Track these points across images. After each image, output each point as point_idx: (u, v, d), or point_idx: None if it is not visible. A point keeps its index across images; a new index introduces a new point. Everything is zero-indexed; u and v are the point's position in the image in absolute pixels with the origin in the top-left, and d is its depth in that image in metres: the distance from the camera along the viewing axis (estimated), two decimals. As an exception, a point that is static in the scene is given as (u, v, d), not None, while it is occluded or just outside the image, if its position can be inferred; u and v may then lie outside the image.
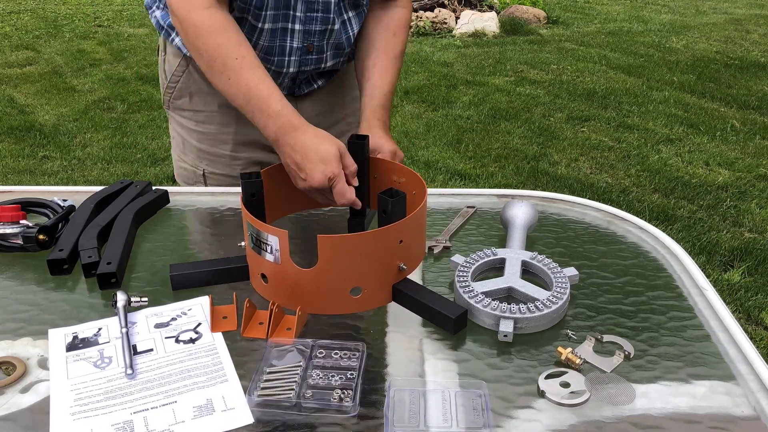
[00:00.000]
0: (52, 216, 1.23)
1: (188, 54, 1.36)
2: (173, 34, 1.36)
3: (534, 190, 2.37)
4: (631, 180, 3.84)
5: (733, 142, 4.35)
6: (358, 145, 1.19)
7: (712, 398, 0.84)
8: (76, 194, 1.32)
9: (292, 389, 0.84)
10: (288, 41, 1.30)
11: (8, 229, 1.14)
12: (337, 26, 1.31)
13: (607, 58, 6.29)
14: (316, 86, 1.44)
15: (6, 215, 1.16)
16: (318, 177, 1.08)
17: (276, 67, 1.33)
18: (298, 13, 1.26)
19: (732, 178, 3.83)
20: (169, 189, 1.35)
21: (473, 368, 0.89)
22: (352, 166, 1.12)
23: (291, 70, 1.34)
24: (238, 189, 1.22)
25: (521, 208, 1.19)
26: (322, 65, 1.37)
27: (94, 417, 0.82)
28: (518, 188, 3.04)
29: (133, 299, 1.01)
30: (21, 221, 1.16)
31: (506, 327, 0.93)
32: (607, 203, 1.35)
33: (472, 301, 0.97)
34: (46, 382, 0.88)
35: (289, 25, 1.28)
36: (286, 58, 1.32)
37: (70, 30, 7.24)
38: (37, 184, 3.63)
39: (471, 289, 1.00)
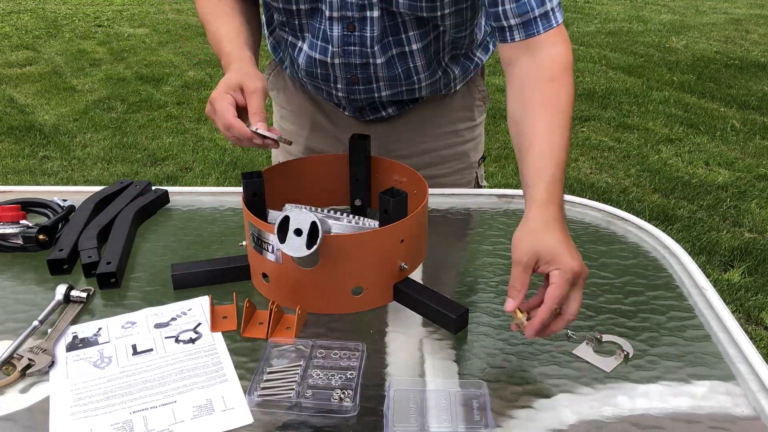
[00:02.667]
0: (52, 216, 1.23)
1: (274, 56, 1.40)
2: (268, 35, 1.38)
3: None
4: (631, 180, 3.84)
5: (733, 142, 4.35)
6: (359, 145, 1.19)
7: (712, 398, 0.84)
8: (76, 194, 1.32)
9: (292, 389, 0.84)
10: (330, 69, 1.23)
11: (8, 229, 1.14)
12: (380, 60, 1.19)
13: (607, 58, 6.29)
14: (384, 114, 1.35)
15: (6, 215, 1.16)
16: (207, 107, 1.02)
17: (326, 90, 1.30)
18: (334, 48, 1.18)
19: (732, 178, 3.82)
20: (169, 189, 1.35)
21: (473, 368, 0.89)
22: (255, 107, 1.01)
23: (340, 95, 1.28)
24: (239, 189, 1.22)
25: None
26: (376, 95, 1.27)
27: (94, 417, 0.82)
28: (518, 188, 3.04)
29: (73, 293, 1.02)
30: (21, 221, 1.16)
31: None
32: (607, 203, 1.35)
33: None
34: (46, 382, 0.88)
35: (328, 59, 1.20)
36: (332, 84, 1.27)
37: (70, 30, 7.24)
38: (37, 184, 3.63)
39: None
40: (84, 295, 1.02)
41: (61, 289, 1.02)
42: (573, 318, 0.86)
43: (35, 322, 0.97)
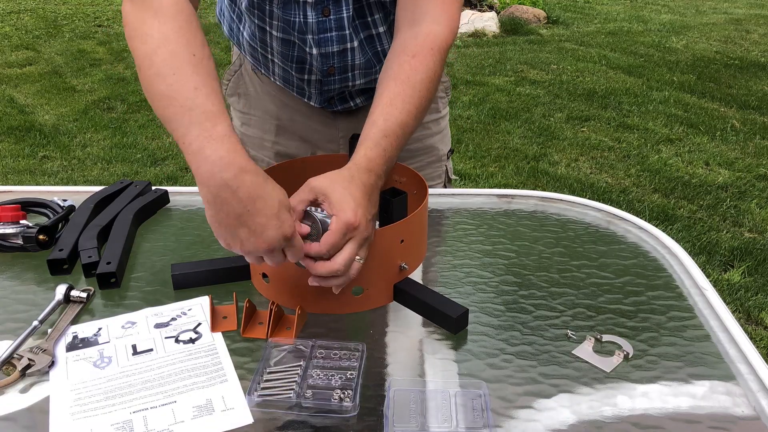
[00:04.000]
0: (52, 216, 1.23)
1: (243, 53, 1.37)
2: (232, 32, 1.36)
3: (534, 190, 2.37)
4: (631, 180, 3.84)
5: (733, 142, 4.35)
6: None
7: (712, 398, 0.84)
8: (76, 194, 1.32)
9: (292, 389, 0.84)
10: (307, 63, 1.24)
11: (8, 229, 1.14)
12: (356, 43, 1.21)
13: (607, 58, 6.29)
14: (353, 104, 1.35)
15: (6, 215, 1.16)
16: (272, 234, 0.85)
17: (297, 85, 1.30)
18: (312, 36, 1.18)
19: (732, 178, 3.83)
20: (169, 189, 1.35)
21: (473, 368, 0.89)
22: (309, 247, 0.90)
23: (313, 89, 1.29)
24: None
25: None
26: (350, 83, 1.28)
27: (94, 417, 0.82)
28: (518, 188, 3.05)
29: (73, 293, 1.02)
30: (21, 221, 1.16)
31: None
32: (607, 203, 1.35)
33: None
34: (46, 382, 0.88)
35: (306, 53, 1.21)
36: (305, 77, 1.27)
37: (70, 30, 7.24)
38: (37, 184, 3.63)
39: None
40: (84, 295, 1.02)
41: (61, 289, 1.02)
42: (338, 268, 0.88)
43: (35, 322, 0.97)
